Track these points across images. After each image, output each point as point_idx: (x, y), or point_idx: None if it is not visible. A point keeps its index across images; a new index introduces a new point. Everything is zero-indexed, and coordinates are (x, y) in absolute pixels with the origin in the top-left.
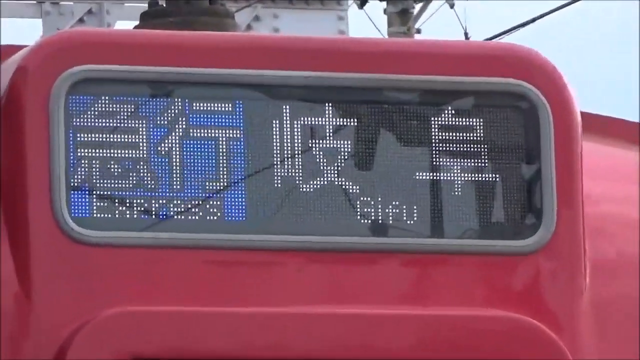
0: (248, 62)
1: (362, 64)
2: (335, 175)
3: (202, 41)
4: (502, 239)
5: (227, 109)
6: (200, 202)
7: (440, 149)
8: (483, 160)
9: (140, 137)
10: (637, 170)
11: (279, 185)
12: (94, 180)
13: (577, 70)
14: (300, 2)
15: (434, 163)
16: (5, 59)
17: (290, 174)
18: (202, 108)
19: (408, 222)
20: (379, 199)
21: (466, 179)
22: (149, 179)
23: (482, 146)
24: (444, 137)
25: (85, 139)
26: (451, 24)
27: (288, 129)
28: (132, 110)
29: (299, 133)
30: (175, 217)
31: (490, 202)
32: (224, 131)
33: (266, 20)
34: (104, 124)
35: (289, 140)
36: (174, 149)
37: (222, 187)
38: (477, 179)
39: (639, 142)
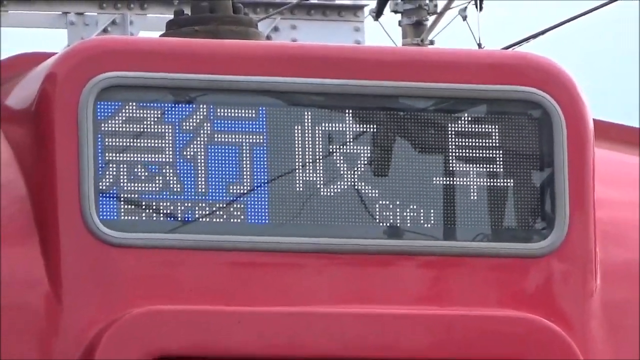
0: (271, 69)
1: (380, 72)
2: (355, 179)
3: (226, 49)
4: (516, 242)
5: (250, 115)
6: (224, 205)
7: (456, 155)
8: (498, 166)
9: (166, 142)
10: None
11: (301, 189)
12: (122, 184)
13: (588, 80)
14: (318, 13)
15: (450, 168)
16: (33, 67)
17: (311, 178)
18: (226, 114)
19: (425, 225)
20: (397, 203)
21: (481, 184)
22: (174, 182)
23: (497, 152)
24: (459, 144)
25: (113, 143)
26: (464, 36)
27: (309, 135)
28: (158, 116)
29: (320, 139)
30: (200, 219)
31: (504, 207)
32: (247, 136)
33: (285, 31)
34: (131, 129)
35: (310, 146)
36: (198, 153)
37: (245, 191)
38: (492, 184)
39: None
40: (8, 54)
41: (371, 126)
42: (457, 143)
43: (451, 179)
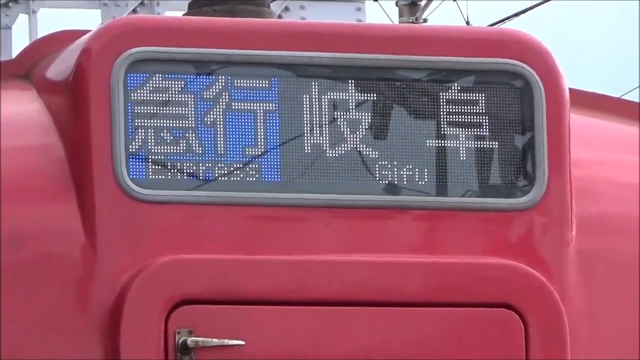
0: (282, 44)
1: (379, 47)
2: (357, 142)
3: (242, 26)
4: (501, 197)
5: (264, 85)
6: (241, 166)
7: (447, 120)
8: (484, 130)
9: (189, 109)
10: (616, 138)
11: (309, 151)
12: (149, 147)
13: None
14: None
15: (441, 132)
16: (70, 43)
17: (318, 141)
18: (242, 84)
19: (419, 182)
20: (395, 163)
21: (469, 146)
22: (196, 145)
23: (483, 118)
24: (450, 110)
25: (142, 111)
26: (454, 15)
27: (316, 103)
28: (182, 86)
29: (326, 106)
30: (219, 178)
31: (490, 166)
32: (261, 105)
33: (294, 11)
34: (157, 98)
35: (317, 113)
36: (218, 119)
37: (259, 153)
38: (478, 146)
39: (618, 114)
40: (47, 32)
41: (371, 95)
42: (447, 110)
43: (442, 141)
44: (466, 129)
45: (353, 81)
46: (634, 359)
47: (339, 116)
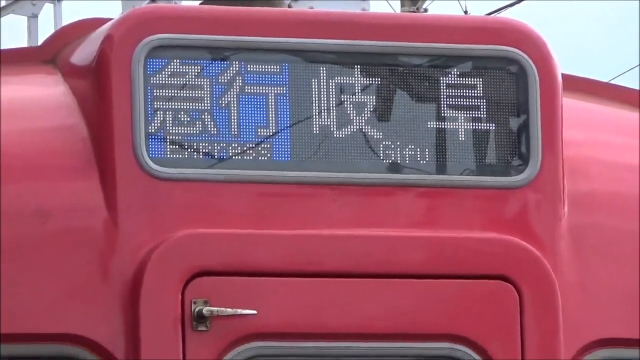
0: (292, 32)
1: (383, 34)
2: (362, 124)
3: (255, 15)
4: (497, 175)
5: (275, 70)
6: (253, 146)
7: (447, 103)
8: (481, 113)
9: (205, 92)
10: (606, 120)
11: (317, 132)
12: (168, 127)
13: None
14: None
15: (442, 114)
16: (93, 30)
17: (326, 122)
18: (255, 69)
19: (421, 162)
20: (398, 143)
21: (467, 127)
22: (211, 126)
23: (481, 101)
24: (449, 94)
25: (161, 94)
26: (453, 5)
27: (324, 87)
28: (198, 71)
29: (333, 90)
30: (233, 157)
31: (487, 146)
32: (272, 88)
33: (303, 0)
34: (175, 82)
35: (325, 96)
36: (232, 102)
37: (271, 133)
38: (476, 127)
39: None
40: (71, 20)
41: (376, 79)
42: (447, 93)
43: (442, 123)
44: (464, 112)
45: (359, 66)
46: (621, 329)
47: (345, 99)
